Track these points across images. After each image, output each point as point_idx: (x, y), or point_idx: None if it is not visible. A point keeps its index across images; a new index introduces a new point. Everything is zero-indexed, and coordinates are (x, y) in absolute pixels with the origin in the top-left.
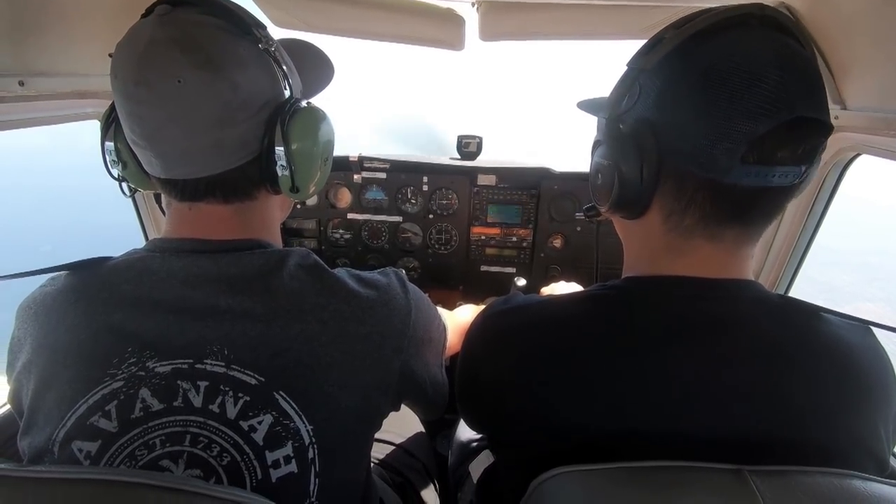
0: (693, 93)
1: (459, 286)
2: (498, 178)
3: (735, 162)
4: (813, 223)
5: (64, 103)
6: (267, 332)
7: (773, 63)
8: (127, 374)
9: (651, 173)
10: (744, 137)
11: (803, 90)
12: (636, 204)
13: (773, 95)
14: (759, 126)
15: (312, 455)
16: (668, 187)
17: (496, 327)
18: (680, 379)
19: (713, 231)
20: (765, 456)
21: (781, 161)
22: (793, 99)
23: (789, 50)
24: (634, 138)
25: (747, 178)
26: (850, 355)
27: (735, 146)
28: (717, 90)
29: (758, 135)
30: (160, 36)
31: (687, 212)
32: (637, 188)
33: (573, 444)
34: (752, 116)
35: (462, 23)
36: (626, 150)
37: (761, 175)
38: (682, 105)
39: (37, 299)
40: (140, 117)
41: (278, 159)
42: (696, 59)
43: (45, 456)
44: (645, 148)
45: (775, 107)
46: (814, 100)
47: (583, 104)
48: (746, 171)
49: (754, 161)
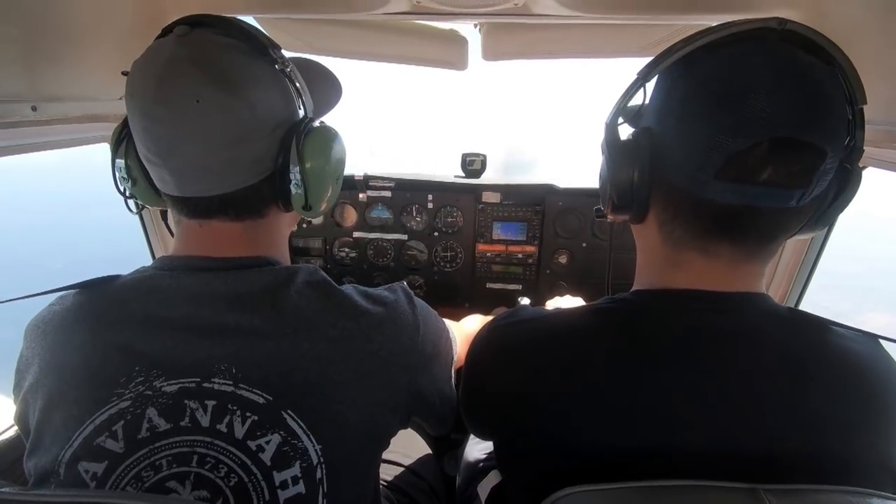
0: (680, 105)
1: (465, 303)
2: (502, 196)
3: (710, 177)
4: (819, 241)
5: (75, 127)
6: (275, 351)
7: (767, 79)
8: (134, 394)
9: (642, 181)
10: (719, 153)
11: (797, 110)
12: (629, 209)
13: (754, 113)
14: (736, 142)
15: (320, 475)
16: (658, 197)
17: (503, 340)
18: (691, 394)
19: (704, 245)
20: (784, 472)
21: (766, 181)
22: (778, 118)
23: (796, 68)
24: (630, 145)
25: (724, 195)
26: (862, 367)
27: (711, 161)
28: (700, 103)
29: (734, 150)
30: (179, 55)
31: (675, 223)
32: (628, 194)
33: (583, 461)
34: (730, 132)
35: (465, 43)
36: (622, 156)
37: (740, 193)
38: (670, 115)
39: (45, 318)
40: (157, 135)
41: (292, 178)
42: (694, 71)
43: (51, 477)
44: (639, 156)
45: (756, 125)
46: (809, 122)
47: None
48: (723, 187)
49: (732, 178)
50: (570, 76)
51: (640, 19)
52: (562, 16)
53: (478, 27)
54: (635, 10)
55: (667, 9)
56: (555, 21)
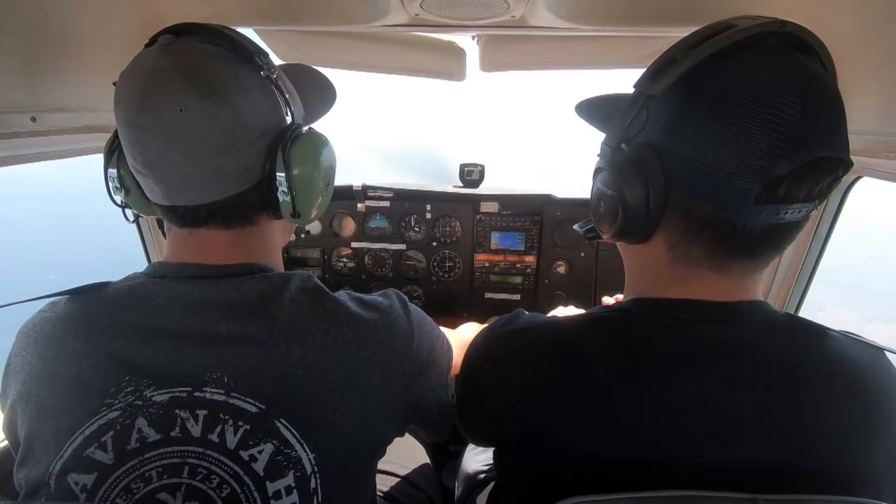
0: (703, 125)
1: (464, 313)
2: (501, 206)
3: (748, 202)
4: (818, 246)
5: (74, 138)
6: (268, 358)
7: (793, 93)
8: (124, 404)
9: (657, 205)
10: (758, 178)
11: (826, 125)
12: (640, 233)
13: (792, 132)
14: (777, 167)
15: (315, 485)
16: (674, 219)
17: (498, 350)
18: (689, 405)
19: (720, 263)
20: (780, 484)
21: (796, 200)
22: (813, 136)
23: (810, 76)
24: (641, 168)
25: (758, 217)
26: (860, 375)
27: (749, 186)
28: (728, 124)
29: (775, 176)
30: (163, 65)
31: (693, 244)
32: (642, 219)
33: (579, 472)
34: (768, 156)
35: (463, 55)
36: (632, 180)
37: (773, 214)
38: (690, 137)
39: (35, 326)
40: (142, 145)
41: (279, 185)
42: (709, 85)
43: (42, 489)
44: (652, 179)
45: (795, 146)
46: (836, 135)
47: (581, 108)
48: (758, 210)
49: (767, 201)
50: (564, 83)
51: (637, 31)
52: (558, 28)
53: (475, 39)
54: (631, 23)
55: (663, 21)
56: (551, 33)
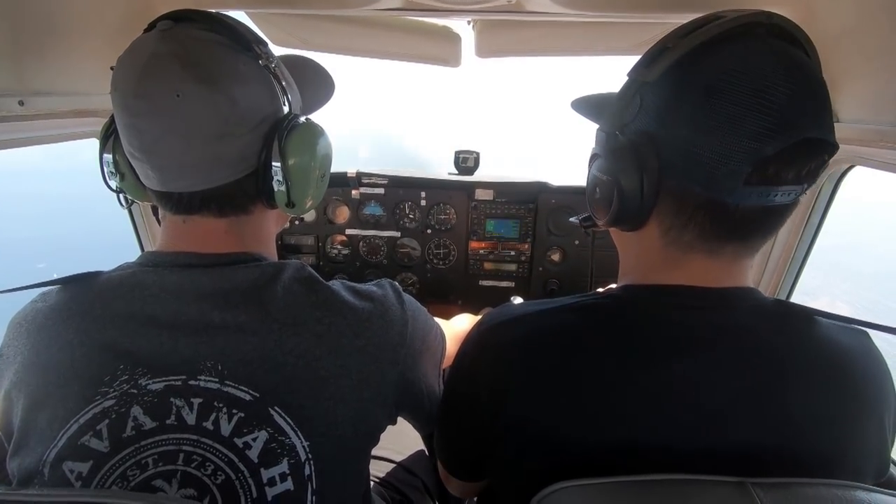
0: (696, 109)
1: (458, 301)
2: (495, 193)
3: (738, 183)
4: (810, 234)
5: (64, 122)
6: (262, 347)
7: (781, 79)
8: (119, 392)
9: (651, 190)
10: (748, 158)
11: (812, 108)
12: (635, 219)
13: (780, 115)
14: (766, 147)
15: (309, 472)
16: (667, 203)
17: (491, 341)
18: (679, 390)
19: (712, 246)
20: (767, 467)
21: (785, 181)
22: (801, 119)
23: (797, 63)
24: (635, 153)
25: (749, 199)
26: (845, 360)
27: (739, 167)
28: (721, 108)
29: (764, 156)
30: (161, 50)
31: (686, 228)
32: (637, 204)
33: (570, 457)
34: (758, 137)
35: (458, 40)
36: (627, 165)
37: (763, 195)
38: (684, 122)
39: (27, 316)
40: (139, 130)
41: (275, 174)
42: (700, 72)
43: (36, 478)
44: (646, 164)
45: (783, 127)
46: (822, 118)
47: (577, 104)
48: (749, 192)
49: (757, 182)
50: (560, 70)
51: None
52: (554, 13)
53: (471, 24)
54: (628, 9)
55: (659, 7)
56: (548, 18)
